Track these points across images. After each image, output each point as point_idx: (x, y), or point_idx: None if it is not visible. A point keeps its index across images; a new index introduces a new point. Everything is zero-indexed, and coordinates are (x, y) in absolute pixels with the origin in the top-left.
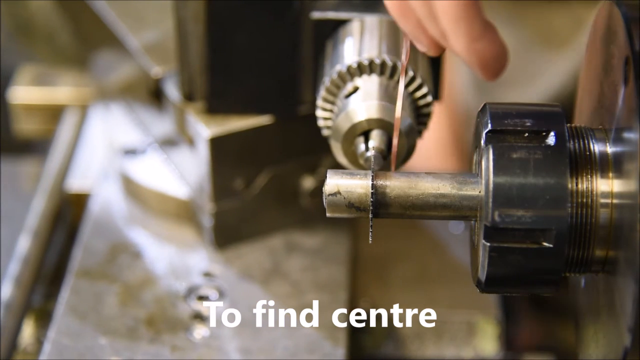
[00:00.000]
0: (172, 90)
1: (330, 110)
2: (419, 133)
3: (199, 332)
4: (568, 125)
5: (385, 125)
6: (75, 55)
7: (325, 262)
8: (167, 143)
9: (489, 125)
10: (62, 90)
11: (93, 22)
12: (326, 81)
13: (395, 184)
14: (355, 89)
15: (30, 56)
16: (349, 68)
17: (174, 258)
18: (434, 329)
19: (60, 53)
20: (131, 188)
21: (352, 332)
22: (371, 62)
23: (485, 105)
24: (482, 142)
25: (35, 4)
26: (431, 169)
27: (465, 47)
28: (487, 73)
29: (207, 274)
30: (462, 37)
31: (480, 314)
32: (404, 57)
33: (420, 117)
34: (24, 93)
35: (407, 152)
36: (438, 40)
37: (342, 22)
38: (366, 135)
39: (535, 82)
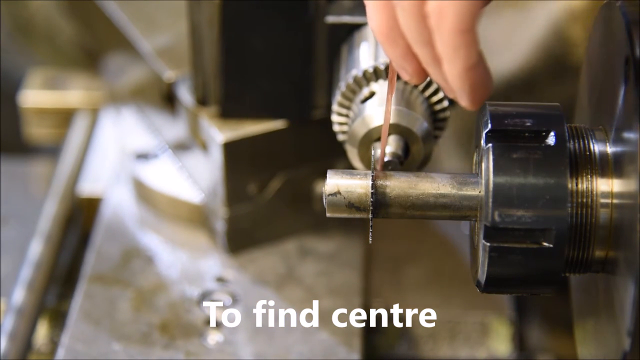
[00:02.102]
0: (185, 95)
1: (346, 115)
2: (435, 138)
3: (213, 337)
4: (568, 125)
5: (402, 131)
6: (76, 56)
7: (339, 266)
8: (180, 147)
9: (489, 125)
10: (73, 94)
11: (105, 25)
12: (342, 86)
13: (395, 184)
14: (372, 94)
15: (30, 56)
16: (365, 73)
17: (187, 263)
18: (447, 329)
19: (61, 54)
20: (143, 192)
21: (366, 333)
22: (387, 67)
23: (485, 105)
24: (482, 142)
25: (35, 4)
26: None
27: (459, 74)
28: (474, 101)
29: (221, 279)
30: (459, 65)
31: (493, 315)
32: (389, 88)
33: (436, 122)
34: (34, 97)
35: (425, 157)
36: (425, 67)
37: (357, 26)
38: None
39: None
